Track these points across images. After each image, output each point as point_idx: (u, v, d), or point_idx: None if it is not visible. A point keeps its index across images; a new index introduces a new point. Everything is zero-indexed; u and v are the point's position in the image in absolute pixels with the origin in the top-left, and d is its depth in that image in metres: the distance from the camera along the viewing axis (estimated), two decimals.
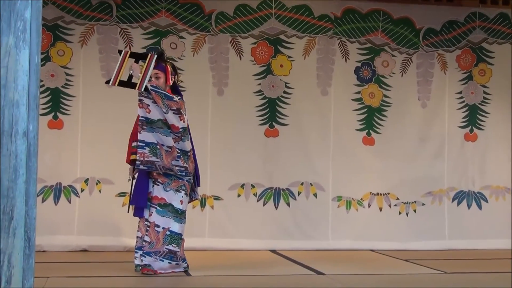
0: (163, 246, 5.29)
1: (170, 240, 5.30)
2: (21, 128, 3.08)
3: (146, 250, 5.28)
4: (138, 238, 5.31)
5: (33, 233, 3.12)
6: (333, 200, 7.28)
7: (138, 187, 5.26)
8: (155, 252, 5.28)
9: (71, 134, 6.83)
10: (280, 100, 7.23)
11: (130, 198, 5.36)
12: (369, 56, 7.41)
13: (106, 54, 6.92)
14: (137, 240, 5.33)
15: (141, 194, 5.26)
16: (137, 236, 5.33)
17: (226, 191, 7.00)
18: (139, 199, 5.26)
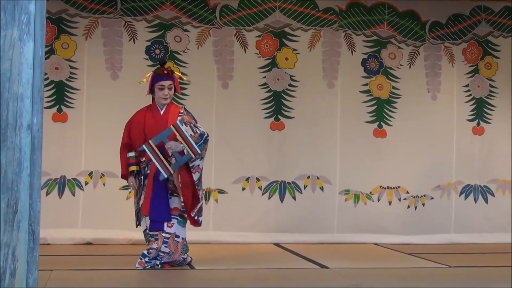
0: (180, 256, 5.37)
1: (185, 250, 5.40)
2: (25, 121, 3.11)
3: (164, 260, 5.31)
4: (153, 250, 5.26)
5: (37, 226, 3.15)
6: (340, 194, 7.29)
7: (158, 200, 5.21)
8: (173, 261, 5.35)
9: (75, 127, 6.85)
10: (285, 93, 7.24)
11: (144, 211, 5.24)
12: (376, 49, 7.42)
13: (111, 47, 6.95)
14: (151, 251, 5.27)
15: (163, 207, 5.22)
16: (151, 248, 5.27)
17: (231, 185, 7.02)
18: (162, 213, 5.23)
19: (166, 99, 5.35)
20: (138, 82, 5.66)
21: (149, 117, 5.34)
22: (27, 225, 3.09)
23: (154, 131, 5.26)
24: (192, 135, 5.18)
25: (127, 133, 5.35)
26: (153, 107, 5.39)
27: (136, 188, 5.30)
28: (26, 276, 3.09)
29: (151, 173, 5.24)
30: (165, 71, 5.34)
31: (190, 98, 6.84)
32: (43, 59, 3.21)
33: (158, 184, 5.21)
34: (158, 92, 5.33)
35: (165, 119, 5.34)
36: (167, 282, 4.88)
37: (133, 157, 5.31)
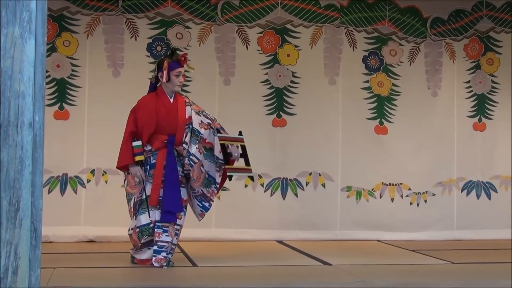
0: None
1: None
2: (27, 119, 3.09)
3: (172, 252, 5.31)
4: (168, 243, 5.20)
5: (39, 224, 3.13)
6: (342, 191, 7.28)
7: (174, 191, 5.17)
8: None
9: (77, 124, 6.84)
10: (287, 90, 7.24)
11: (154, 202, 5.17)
12: (377, 45, 7.43)
13: (112, 44, 6.94)
14: (166, 244, 5.20)
15: (177, 199, 5.18)
16: (164, 241, 5.19)
17: (233, 181, 6.54)
18: (176, 204, 5.19)
19: (180, 86, 5.38)
20: (139, 79, 5.70)
21: (160, 105, 5.29)
22: (29, 223, 3.09)
23: (166, 120, 5.24)
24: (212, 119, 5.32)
25: (133, 121, 5.26)
26: (162, 95, 5.34)
27: (142, 179, 5.22)
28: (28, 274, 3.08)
29: (159, 163, 5.18)
30: (182, 57, 5.35)
31: (192, 94, 6.75)
32: (44, 57, 3.20)
33: (171, 175, 5.18)
34: (174, 79, 5.30)
35: (175, 107, 5.33)
36: (169, 279, 4.86)
37: (139, 146, 5.20)
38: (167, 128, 5.27)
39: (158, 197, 5.17)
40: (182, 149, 5.28)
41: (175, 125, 5.27)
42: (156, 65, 5.42)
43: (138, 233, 5.24)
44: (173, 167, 5.21)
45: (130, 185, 5.27)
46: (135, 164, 5.22)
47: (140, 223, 5.23)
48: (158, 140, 5.25)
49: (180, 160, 5.30)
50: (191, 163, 5.26)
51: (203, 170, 5.29)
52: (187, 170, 5.27)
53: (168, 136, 5.25)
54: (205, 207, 5.34)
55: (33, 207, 3.11)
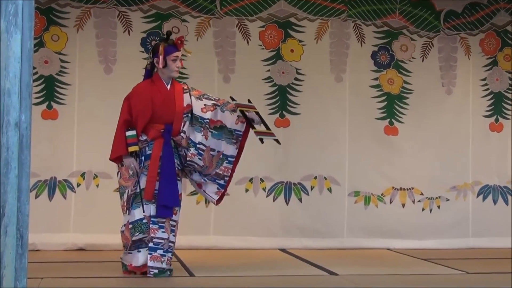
0: None
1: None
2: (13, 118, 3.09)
3: (171, 250, 5.28)
4: (164, 240, 5.18)
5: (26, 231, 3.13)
6: (350, 196, 7.28)
7: (170, 184, 5.16)
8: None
9: (67, 124, 6.84)
10: (291, 88, 7.23)
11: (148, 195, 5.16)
12: (387, 40, 7.42)
13: (104, 39, 6.92)
14: (162, 241, 5.18)
15: (173, 192, 5.18)
16: (160, 238, 5.17)
17: (233, 186, 6.73)
18: (174, 198, 5.19)
19: (178, 72, 5.39)
20: (133, 75, 5.77)
21: (156, 92, 5.28)
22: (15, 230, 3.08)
23: (163, 108, 5.24)
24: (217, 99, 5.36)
25: (127, 109, 5.23)
26: (158, 82, 5.34)
27: (137, 171, 5.18)
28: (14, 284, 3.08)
29: (155, 154, 5.18)
30: (179, 40, 5.34)
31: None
32: (31, 52, 3.20)
33: (168, 166, 5.17)
34: (171, 64, 5.30)
35: (172, 95, 5.32)
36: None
37: (133, 136, 5.18)
38: (164, 117, 5.25)
39: (154, 190, 5.15)
40: (180, 139, 5.28)
41: (172, 113, 5.25)
42: (150, 50, 5.42)
43: (130, 230, 5.21)
44: (170, 158, 5.20)
45: (124, 178, 5.25)
46: (129, 155, 5.19)
47: (133, 218, 5.20)
48: (153, 130, 5.23)
49: (178, 151, 5.30)
50: (200, 152, 5.29)
51: (214, 153, 5.32)
52: (190, 162, 5.27)
53: (164, 125, 5.24)
54: (221, 185, 5.38)
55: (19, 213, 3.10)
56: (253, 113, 5.35)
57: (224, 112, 5.36)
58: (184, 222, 5.70)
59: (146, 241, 5.18)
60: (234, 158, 5.37)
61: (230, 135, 5.33)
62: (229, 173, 5.37)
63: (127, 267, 5.32)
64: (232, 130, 5.35)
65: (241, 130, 5.34)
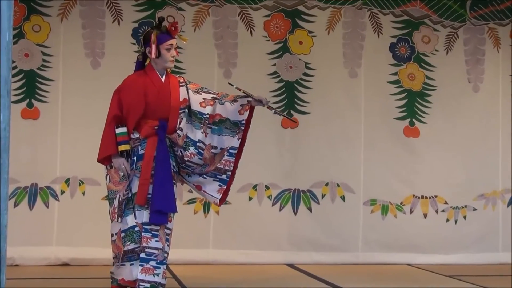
0: None
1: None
2: None
3: (166, 262, 5.21)
4: (158, 250, 5.12)
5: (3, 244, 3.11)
6: (365, 204, 7.29)
7: (165, 187, 5.13)
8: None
9: (49, 125, 6.85)
10: (299, 84, 7.24)
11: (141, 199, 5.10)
12: (407, 31, 7.43)
13: (91, 29, 6.92)
14: (156, 252, 5.12)
15: (169, 196, 5.15)
16: (153, 248, 5.11)
17: (235, 194, 6.91)
18: (168, 203, 5.14)
19: (173, 62, 5.35)
20: (123, 71, 5.64)
21: (149, 84, 5.25)
22: None
23: (157, 102, 5.22)
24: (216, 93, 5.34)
25: (117, 104, 5.19)
26: (152, 74, 5.31)
27: (127, 173, 5.14)
28: None
29: (149, 154, 5.15)
30: (172, 27, 5.31)
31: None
32: (10, 45, 3.19)
33: (163, 167, 5.15)
34: (165, 53, 5.26)
35: (167, 87, 5.28)
36: None
37: (124, 134, 5.13)
38: (158, 112, 5.23)
39: (147, 195, 5.12)
40: (176, 137, 5.25)
41: (167, 108, 5.23)
42: (141, 39, 5.38)
43: (123, 238, 5.17)
44: (165, 158, 5.18)
45: (114, 181, 5.21)
46: (119, 155, 5.15)
47: (126, 225, 5.16)
48: (147, 126, 5.20)
49: (174, 151, 5.29)
50: (200, 151, 5.28)
51: (216, 150, 5.33)
52: (189, 162, 5.27)
53: (159, 121, 5.21)
54: (223, 180, 5.36)
55: None
56: (259, 96, 5.34)
57: (224, 104, 5.33)
58: (180, 233, 5.75)
59: (138, 252, 5.14)
60: (236, 150, 5.35)
61: (234, 128, 5.32)
62: (231, 167, 5.34)
63: (118, 281, 5.27)
64: (236, 121, 5.33)
65: (245, 119, 5.33)
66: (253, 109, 5.31)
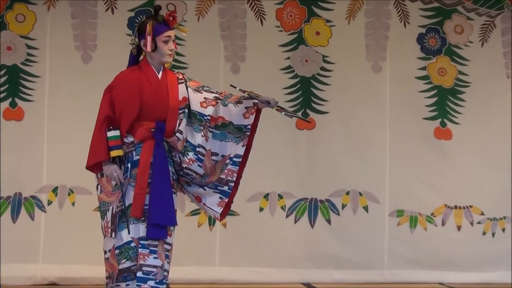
0: None
1: None
2: None
3: (166, 281, 5.15)
4: (157, 268, 5.04)
5: None
6: (391, 216, 7.24)
7: (163, 197, 5.06)
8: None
9: (35, 127, 6.84)
10: (316, 80, 7.18)
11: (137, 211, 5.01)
12: (437, 20, 7.36)
13: (82, 19, 6.92)
14: (154, 270, 5.03)
15: (168, 208, 5.07)
16: (152, 265, 5.02)
17: (244, 204, 6.92)
18: (167, 215, 5.06)
19: (171, 56, 5.25)
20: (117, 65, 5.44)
21: (144, 81, 5.16)
22: None
23: (154, 101, 5.15)
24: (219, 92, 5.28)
25: (109, 103, 5.09)
26: (147, 69, 5.21)
27: (120, 182, 5.04)
28: None
29: (144, 160, 5.05)
30: (170, 16, 5.23)
31: None
32: None
33: (161, 175, 5.07)
34: (162, 46, 5.16)
35: (164, 85, 5.17)
36: None
37: (116, 138, 5.02)
38: (155, 113, 5.12)
39: (143, 206, 5.04)
40: (175, 141, 5.17)
41: (165, 108, 5.13)
42: (136, 30, 5.29)
43: (117, 256, 5.08)
44: (163, 164, 5.10)
45: (106, 192, 5.11)
46: (111, 162, 5.04)
47: (120, 241, 5.07)
48: (142, 129, 5.11)
49: (172, 156, 5.21)
50: (200, 157, 5.21)
51: (217, 158, 5.26)
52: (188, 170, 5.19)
53: (156, 123, 5.10)
54: (225, 192, 5.27)
55: None
56: (267, 97, 5.25)
57: (227, 106, 5.25)
58: (182, 249, 5.81)
59: (135, 270, 5.06)
60: (241, 158, 5.27)
61: (238, 133, 5.26)
62: (234, 178, 5.24)
63: None
64: (240, 126, 5.25)
65: (250, 124, 5.27)
66: (260, 112, 5.23)
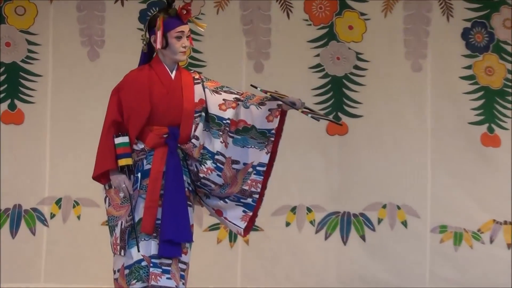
0: None
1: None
2: None
3: None
4: None
5: None
6: (433, 232, 7.13)
7: (177, 211, 4.99)
8: None
9: (36, 132, 6.85)
10: (349, 79, 7.12)
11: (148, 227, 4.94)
12: (484, 13, 7.24)
13: (88, 12, 6.94)
14: None
15: (182, 222, 4.99)
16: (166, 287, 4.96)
17: (269, 218, 6.90)
18: (181, 230, 4.98)
19: (185, 54, 5.14)
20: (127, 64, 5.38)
21: (155, 82, 5.04)
22: None
23: (166, 103, 5.04)
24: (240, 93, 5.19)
25: (116, 106, 4.99)
26: (159, 68, 5.10)
27: (129, 194, 4.99)
28: None
29: (156, 169, 4.98)
30: (183, 9, 5.12)
31: None
32: None
33: (174, 186, 4.99)
34: (174, 43, 5.03)
35: (179, 85, 5.04)
36: None
37: (124, 145, 4.92)
38: (167, 116, 5.00)
39: (155, 220, 4.96)
40: (191, 148, 5.06)
41: (178, 111, 5.00)
42: (146, 25, 5.20)
43: (126, 276, 5.01)
44: (177, 174, 5.02)
45: (114, 205, 5.03)
46: (119, 171, 4.95)
47: (130, 260, 5.00)
48: (153, 135, 4.99)
49: (188, 165, 5.12)
50: (219, 166, 5.08)
51: (239, 166, 5.14)
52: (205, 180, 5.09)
53: (168, 128, 4.98)
54: (248, 205, 5.16)
55: None
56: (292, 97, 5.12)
57: (249, 108, 5.13)
58: (199, 268, 5.82)
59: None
60: (265, 166, 5.14)
61: (262, 138, 5.13)
62: (258, 189, 5.12)
63: None
64: (264, 130, 5.11)
65: (275, 128, 5.18)
66: (285, 115, 5.10)
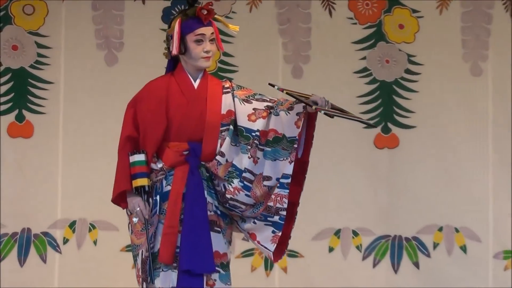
0: None
1: None
2: None
3: None
4: None
5: None
6: (496, 258, 7.08)
7: (195, 239, 4.95)
8: None
9: (47, 146, 6.87)
10: (399, 85, 7.09)
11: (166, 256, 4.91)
12: None
13: (105, 11, 6.96)
14: None
15: (205, 250, 4.94)
16: None
17: (309, 242, 6.93)
18: (204, 259, 4.94)
19: (208, 59, 5.05)
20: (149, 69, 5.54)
21: (175, 92, 4.97)
22: None
23: (186, 117, 4.97)
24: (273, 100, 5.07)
25: (132, 121, 4.96)
26: (181, 77, 5.01)
27: (146, 219, 5.02)
28: None
29: (176, 191, 4.94)
30: (204, 10, 5.02)
31: None
32: None
33: (194, 210, 4.95)
34: (194, 47, 4.95)
35: (202, 96, 4.94)
36: None
37: (140, 163, 4.88)
38: (186, 130, 4.92)
39: (174, 249, 4.94)
40: (215, 165, 4.99)
41: (200, 124, 4.93)
42: (168, 27, 5.16)
43: None
44: (199, 196, 4.95)
45: (135, 232, 5.04)
46: (134, 193, 4.91)
47: None
48: (172, 152, 4.91)
49: (214, 185, 5.05)
50: (246, 185, 5.00)
51: (271, 183, 5.02)
52: (232, 201, 5.00)
53: (189, 144, 4.90)
54: (277, 224, 5.03)
55: None
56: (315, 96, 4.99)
57: (279, 115, 5.02)
58: None
59: None
60: (289, 178, 4.99)
61: (290, 148, 5.03)
62: (284, 204, 4.99)
63: None
64: (293, 139, 4.99)
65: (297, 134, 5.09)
66: (315, 118, 4.99)
